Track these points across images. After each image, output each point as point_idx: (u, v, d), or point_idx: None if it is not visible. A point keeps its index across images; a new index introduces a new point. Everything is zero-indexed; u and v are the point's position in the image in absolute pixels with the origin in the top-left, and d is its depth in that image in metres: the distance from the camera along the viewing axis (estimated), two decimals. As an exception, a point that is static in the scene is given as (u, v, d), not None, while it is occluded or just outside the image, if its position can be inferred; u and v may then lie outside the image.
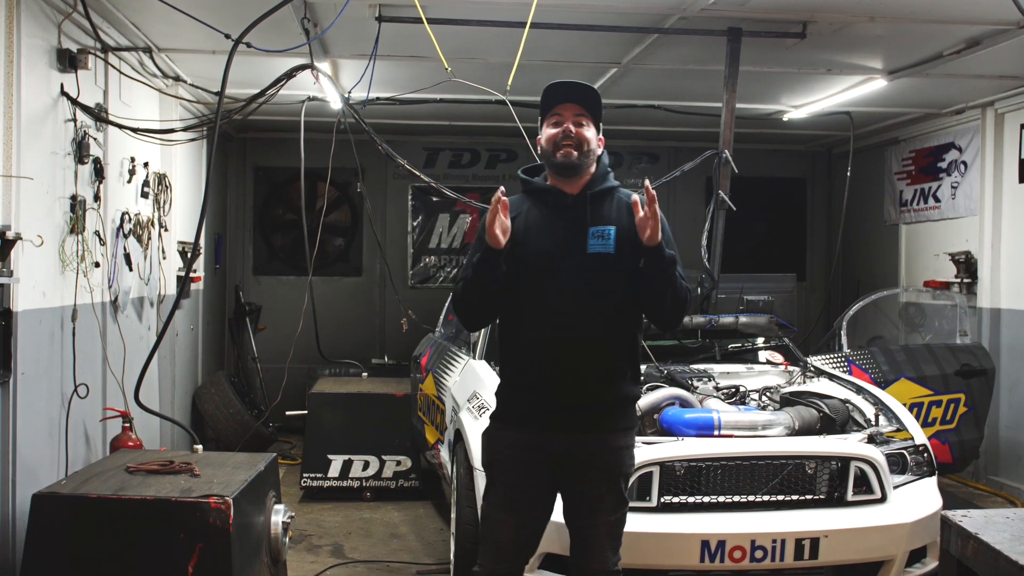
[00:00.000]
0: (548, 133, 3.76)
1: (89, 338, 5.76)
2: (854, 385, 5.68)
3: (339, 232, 11.19)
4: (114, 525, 4.10)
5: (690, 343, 6.31)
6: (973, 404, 7.04)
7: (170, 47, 6.61)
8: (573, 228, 3.74)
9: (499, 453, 3.84)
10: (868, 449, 4.69)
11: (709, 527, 4.41)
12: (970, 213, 8.72)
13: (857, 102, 8.35)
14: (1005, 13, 5.60)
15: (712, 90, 7.90)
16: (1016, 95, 7.90)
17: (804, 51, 6.43)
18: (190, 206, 8.45)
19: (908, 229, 9.91)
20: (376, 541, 6.60)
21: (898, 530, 4.57)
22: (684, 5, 5.51)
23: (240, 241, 10.93)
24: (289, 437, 9.82)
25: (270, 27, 5.29)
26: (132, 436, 5.80)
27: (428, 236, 11.21)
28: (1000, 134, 8.27)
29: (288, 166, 10.85)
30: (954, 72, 7.16)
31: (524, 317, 3.77)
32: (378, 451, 7.67)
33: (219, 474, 4.54)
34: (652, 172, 11.61)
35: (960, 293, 8.35)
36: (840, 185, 11.30)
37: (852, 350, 6.93)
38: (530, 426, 3.76)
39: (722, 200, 6.12)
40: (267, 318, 10.78)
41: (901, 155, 9.96)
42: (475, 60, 6.89)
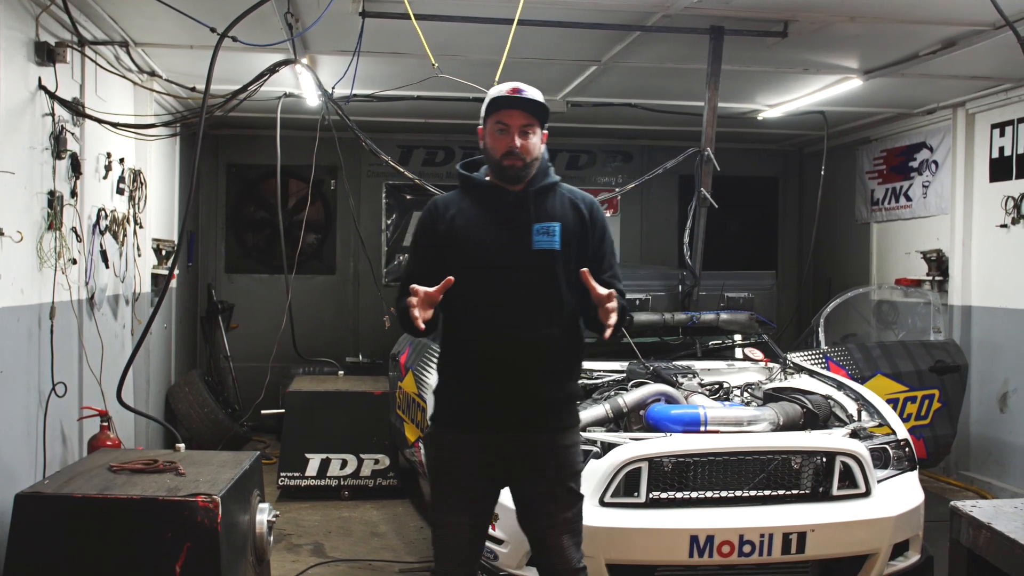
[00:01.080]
0: (495, 139, 3.67)
1: (66, 336, 5.68)
2: (835, 381, 5.73)
3: (313, 230, 11.11)
4: (100, 525, 4.04)
5: (671, 340, 6.33)
6: (947, 400, 7.12)
7: (147, 41, 6.54)
8: (517, 225, 3.68)
9: (447, 456, 3.74)
10: (853, 444, 4.73)
11: (698, 522, 4.43)
12: (941, 212, 8.82)
13: (831, 102, 8.42)
14: (982, 14, 5.69)
15: (689, 89, 7.96)
16: (987, 95, 8.01)
17: (782, 50, 6.47)
18: (164, 203, 8.37)
19: (879, 228, 10.01)
20: (356, 540, 6.57)
21: (882, 524, 4.62)
22: (668, 3, 5.52)
23: (212, 239, 10.83)
24: (263, 436, 9.76)
25: (250, 22, 5.23)
26: (110, 435, 5.73)
27: (402, 234, 11.17)
28: (971, 134, 8.38)
29: (261, 163, 10.79)
30: (928, 72, 7.23)
31: (467, 316, 3.69)
32: (356, 449, 7.63)
33: (204, 473, 4.49)
34: (626, 171, 11.68)
35: (933, 291, 8.45)
36: (811, 184, 11.43)
37: (829, 346, 6.99)
38: (477, 428, 3.70)
39: (704, 198, 6.14)
40: (239, 316, 10.69)
41: (872, 154, 10.06)
42: (456, 57, 6.86)
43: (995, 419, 8.06)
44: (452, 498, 3.74)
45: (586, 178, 11.64)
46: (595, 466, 4.53)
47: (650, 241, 11.65)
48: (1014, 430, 7.88)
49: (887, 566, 4.70)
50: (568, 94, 8.31)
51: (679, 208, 11.62)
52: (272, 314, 10.69)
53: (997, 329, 8.07)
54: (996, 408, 8.04)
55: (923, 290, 8.41)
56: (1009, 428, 7.92)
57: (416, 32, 6.06)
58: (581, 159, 11.63)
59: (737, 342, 6.50)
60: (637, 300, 6.12)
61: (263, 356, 10.60)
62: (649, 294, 6.17)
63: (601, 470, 4.49)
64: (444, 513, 3.77)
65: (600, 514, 4.46)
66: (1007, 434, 7.94)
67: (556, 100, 8.49)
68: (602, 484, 4.48)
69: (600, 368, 5.85)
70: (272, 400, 10.35)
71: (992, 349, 8.07)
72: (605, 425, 4.99)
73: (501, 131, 3.64)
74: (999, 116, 8.02)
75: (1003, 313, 8.00)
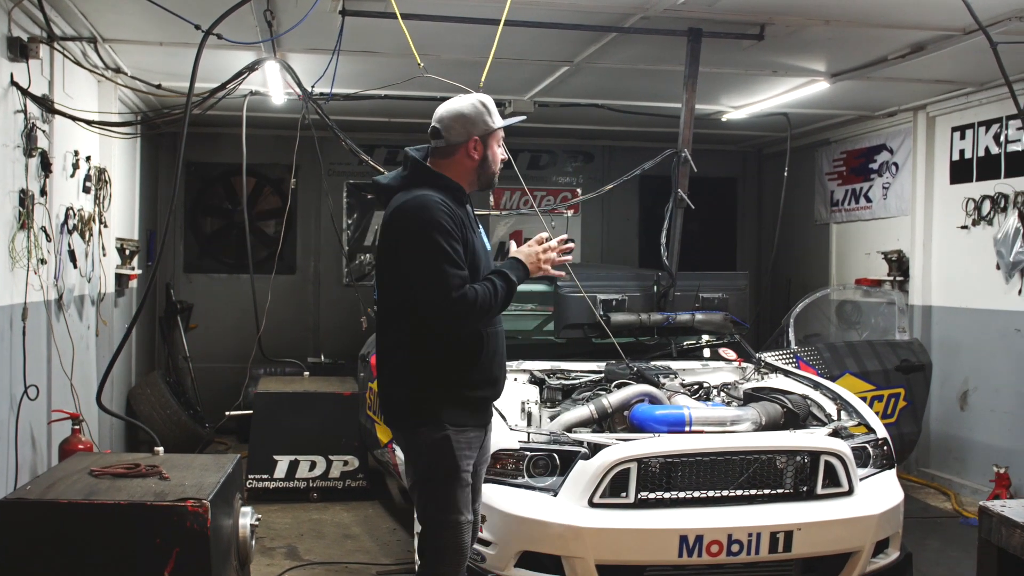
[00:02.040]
0: (495, 152, 3.92)
1: (37, 338, 5.57)
2: (811, 381, 5.80)
3: (274, 229, 11.00)
4: (86, 531, 3.95)
5: (647, 340, 6.35)
6: (912, 399, 7.26)
7: (116, 37, 6.42)
8: (479, 229, 3.95)
9: (464, 459, 3.78)
10: (837, 443, 4.79)
11: (687, 522, 4.45)
12: (901, 213, 8.97)
13: (795, 104, 8.52)
14: (952, 19, 5.81)
15: (657, 90, 8.02)
16: (948, 99, 8.16)
17: (754, 53, 6.53)
18: (126, 202, 8.23)
19: (839, 228, 10.16)
20: (330, 542, 6.51)
21: (866, 522, 4.68)
22: (648, 4, 5.54)
23: (171, 238, 10.66)
24: (224, 438, 9.63)
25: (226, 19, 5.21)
26: (82, 438, 5.63)
27: (363, 234, 11.10)
28: (932, 137, 8.53)
29: (221, 162, 10.68)
30: (893, 76, 7.36)
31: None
32: (325, 451, 7.57)
33: (188, 476, 4.41)
34: (586, 171, 11.72)
35: (894, 291, 8.59)
36: (769, 185, 11.58)
37: (799, 346, 7.07)
38: (484, 422, 3.94)
39: (681, 199, 6.18)
40: (198, 316, 10.55)
41: (832, 156, 10.20)
42: (427, 56, 6.82)
43: (955, 417, 8.21)
44: (464, 496, 3.81)
45: (546, 178, 11.67)
46: (584, 467, 4.53)
47: (611, 241, 11.70)
48: (974, 428, 8.04)
49: (869, 563, 4.76)
50: (536, 94, 8.32)
51: (639, 208, 11.69)
52: (231, 314, 10.60)
53: (957, 329, 8.23)
54: (956, 406, 8.19)
55: (888, 291, 8.54)
56: (969, 426, 8.08)
57: (386, 31, 6.05)
58: (542, 159, 11.64)
59: (710, 342, 6.55)
60: (614, 300, 6.14)
61: (222, 356, 10.52)
62: (625, 295, 6.19)
63: (590, 471, 4.49)
64: (459, 512, 3.79)
65: (589, 515, 4.46)
66: (967, 432, 8.10)
67: (524, 100, 8.48)
68: (591, 485, 4.48)
69: (577, 369, 5.86)
70: (234, 401, 10.25)
71: (952, 348, 8.23)
72: (589, 426, 5.00)
73: (499, 145, 3.92)
74: (959, 119, 8.18)
75: (963, 313, 8.16)
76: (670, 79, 7.49)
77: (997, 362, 7.75)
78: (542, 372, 5.80)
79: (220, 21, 4.70)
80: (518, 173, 5.13)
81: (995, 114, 7.78)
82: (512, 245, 3.96)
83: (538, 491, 4.59)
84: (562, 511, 4.48)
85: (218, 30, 5.48)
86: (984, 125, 7.90)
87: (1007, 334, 7.62)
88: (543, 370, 5.83)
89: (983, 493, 7.68)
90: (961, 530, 7.02)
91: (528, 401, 5.28)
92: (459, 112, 3.84)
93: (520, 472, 4.64)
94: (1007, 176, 7.63)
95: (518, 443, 4.69)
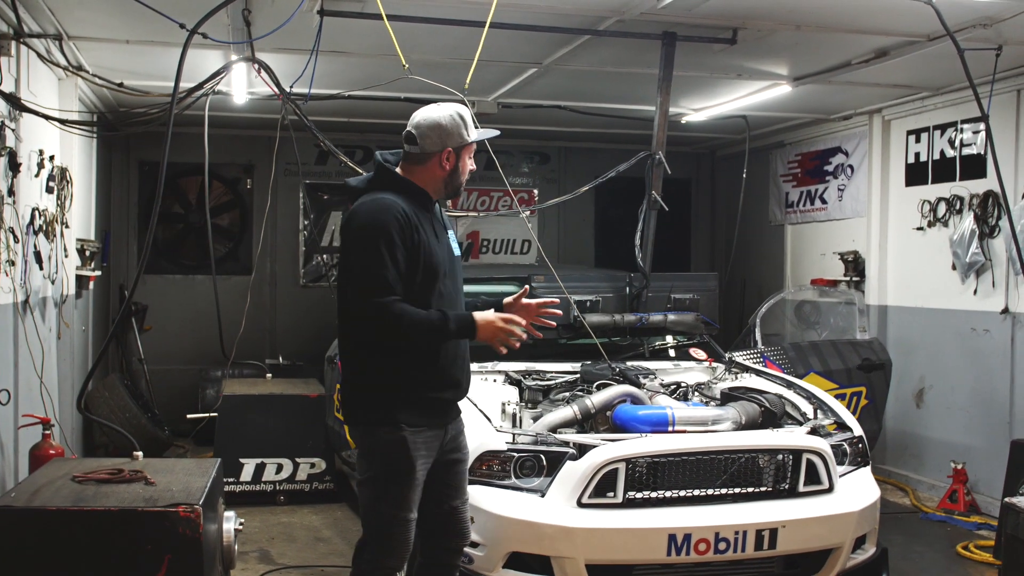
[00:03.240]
0: (465, 164, 4.01)
1: (4, 341, 5.45)
2: (784, 380, 5.89)
3: (231, 229, 10.89)
4: (76, 538, 3.88)
5: (619, 341, 6.40)
6: (873, 397, 7.40)
7: (82, 35, 6.30)
8: (442, 232, 4.00)
9: (416, 459, 3.84)
10: (819, 442, 4.87)
11: (675, 521, 4.50)
12: (857, 214, 9.14)
13: (755, 106, 8.64)
14: (919, 26, 5.95)
15: (621, 92, 8.09)
16: (904, 103, 8.34)
17: (722, 56, 6.62)
18: (84, 202, 8.07)
19: (794, 229, 10.32)
20: (302, 546, 6.46)
21: (847, 518, 4.77)
22: (624, 8, 5.58)
23: (124, 239, 10.48)
24: (181, 441, 9.49)
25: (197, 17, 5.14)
26: (53, 444, 5.52)
27: (320, 234, 11.01)
28: (887, 140, 8.71)
29: (175, 161, 10.46)
30: (854, 80, 7.50)
31: None
32: (292, 453, 7.50)
33: (174, 481, 4.35)
34: (541, 172, 11.75)
35: (855, 291, 8.74)
36: (723, 186, 11.74)
37: (766, 346, 7.18)
38: (445, 422, 3.99)
39: (655, 200, 6.24)
40: (153, 318, 10.38)
41: (787, 158, 10.35)
42: (394, 57, 6.79)
43: (911, 414, 8.39)
44: (414, 495, 3.88)
45: (500, 178, 11.65)
46: (572, 468, 4.56)
47: (567, 242, 11.75)
48: (929, 425, 8.22)
49: (848, 559, 4.85)
50: (501, 96, 8.33)
51: (595, 209, 11.75)
52: (186, 316, 10.46)
53: (913, 328, 8.41)
54: (912, 404, 8.37)
55: (849, 291, 8.69)
56: (925, 423, 8.27)
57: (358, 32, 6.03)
58: (498, 159, 11.62)
59: (681, 342, 6.61)
60: (588, 302, 6.18)
61: (177, 358, 10.38)
62: (599, 296, 6.23)
63: (579, 471, 4.52)
64: (408, 510, 3.87)
65: (578, 515, 4.49)
66: (923, 429, 8.29)
67: (487, 102, 8.51)
68: (580, 485, 4.50)
69: (552, 369, 5.89)
70: (190, 403, 10.11)
71: (908, 347, 8.40)
72: (572, 426, 5.03)
73: (470, 156, 4.01)
74: (915, 123, 8.36)
75: (919, 312, 8.34)
76: (635, 81, 7.57)
77: (953, 361, 7.94)
78: (518, 373, 5.82)
79: (205, 20, 4.63)
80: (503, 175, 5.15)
81: (950, 118, 7.97)
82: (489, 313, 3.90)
83: (526, 492, 4.61)
84: (551, 512, 4.51)
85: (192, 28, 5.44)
86: (939, 129, 8.09)
87: (963, 333, 7.81)
88: (518, 371, 5.85)
89: (940, 488, 7.87)
90: (922, 525, 7.18)
91: (509, 402, 5.30)
92: (436, 122, 3.89)
93: (507, 473, 4.65)
94: (962, 179, 7.82)
95: (505, 444, 4.70)
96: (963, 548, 6.50)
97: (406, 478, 3.83)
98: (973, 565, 6.25)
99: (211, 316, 9.88)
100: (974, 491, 7.57)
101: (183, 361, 10.24)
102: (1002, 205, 7.39)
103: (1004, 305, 7.38)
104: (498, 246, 11.58)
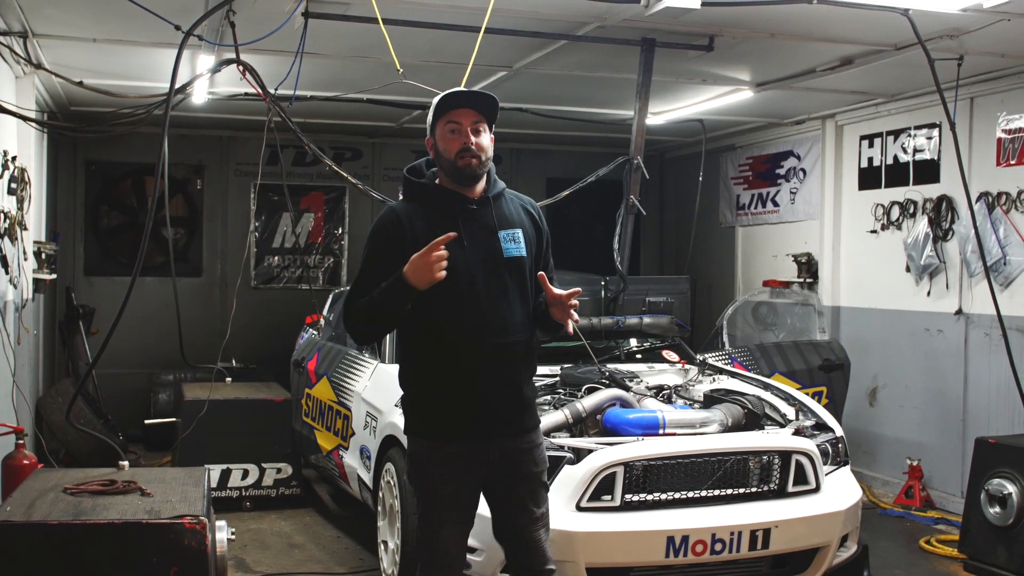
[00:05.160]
0: (447, 140, 3.67)
1: (-26, 348, 5.29)
2: (760, 382, 6.00)
3: (177, 229, 10.70)
4: (79, 553, 3.78)
5: (595, 344, 6.44)
6: (832, 396, 7.57)
7: (48, 33, 6.13)
8: (484, 233, 3.70)
9: (441, 470, 3.71)
10: (808, 443, 4.98)
11: (673, 523, 4.56)
12: (810, 217, 9.33)
13: (713, 111, 8.76)
14: (889, 35, 6.10)
15: (587, 96, 8.16)
16: (857, 108, 8.54)
17: (696, 62, 6.69)
18: (37, 204, 7.86)
19: (744, 231, 10.49)
20: (276, 553, 6.39)
21: (835, 517, 4.88)
22: (606, 14, 5.62)
23: (71, 240, 10.23)
24: (134, 447, 9.30)
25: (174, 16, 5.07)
26: (26, 453, 5.38)
27: (271, 236, 10.88)
28: (840, 144, 8.91)
29: (122, 161, 10.31)
30: (813, 86, 7.65)
31: (445, 327, 3.67)
32: (258, 459, 7.41)
33: (170, 492, 4.27)
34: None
35: (813, 293, 8.92)
36: (672, 189, 11.91)
37: (733, 347, 7.30)
38: (471, 437, 3.71)
39: (632, 204, 6.30)
40: (101, 321, 10.14)
41: (738, 161, 10.52)
42: (369, 59, 6.78)
43: (865, 412, 8.60)
44: (445, 511, 3.73)
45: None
46: (571, 472, 4.59)
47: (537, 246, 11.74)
48: (883, 422, 8.44)
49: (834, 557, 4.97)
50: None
51: (551, 209, 11.77)
52: (135, 319, 10.19)
53: (865, 328, 8.62)
54: (866, 402, 8.58)
55: (808, 293, 8.87)
56: (879, 421, 8.48)
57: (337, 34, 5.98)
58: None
59: (654, 345, 6.69)
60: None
61: (127, 363, 10.15)
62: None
63: (578, 476, 4.55)
64: (438, 525, 3.74)
65: (578, 519, 4.52)
66: (876, 426, 8.50)
67: (450, 104, 8.46)
68: (579, 489, 4.54)
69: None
70: (140, 408, 9.92)
71: (861, 347, 8.60)
72: (563, 430, 5.06)
73: (453, 131, 3.65)
74: (868, 128, 8.57)
75: (872, 313, 8.55)
76: (602, 86, 7.63)
77: (906, 360, 8.16)
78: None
79: (201, 22, 4.57)
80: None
81: (903, 124, 8.18)
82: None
83: (523, 496, 4.61)
84: (551, 516, 4.51)
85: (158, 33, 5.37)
86: (892, 134, 8.30)
87: (917, 333, 8.03)
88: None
89: (895, 485, 8.08)
90: (882, 521, 7.37)
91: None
92: None
93: (504, 478, 4.65)
94: (915, 183, 8.04)
95: (500, 449, 4.70)
96: (925, 542, 6.69)
97: (427, 492, 3.74)
98: (938, 559, 6.44)
99: (161, 319, 9.76)
100: (929, 487, 7.79)
101: (133, 365, 10.03)
102: (955, 210, 7.64)
103: (958, 306, 7.60)
104: (450, 247, 11.54)
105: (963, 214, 7.51)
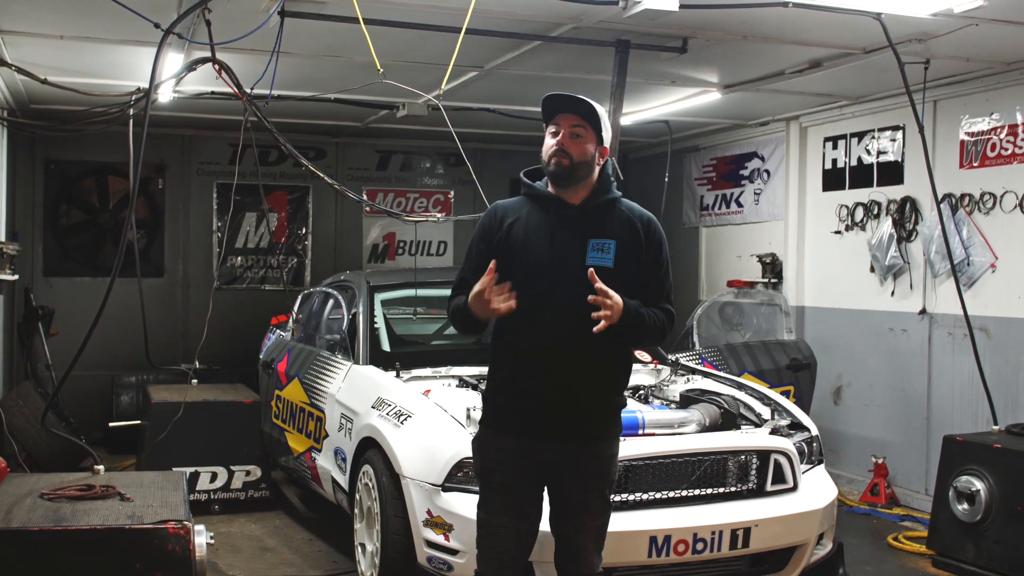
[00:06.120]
0: (546, 143, 3.85)
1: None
2: (734, 381, 6.05)
3: (139, 229, 10.54)
4: (61, 560, 3.73)
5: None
6: (800, 396, 7.65)
7: (14, 29, 6.02)
8: (574, 239, 3.82)
9: (493, 459, 3.87)
10: (785, 442, 5.03)
11: (655, 523, 4.59)
12: (774, 218, 9.43)
13: (679, 112, 8.81)
14: (858, 39, 6.18)
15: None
16: (821, 111, 8.64)
17: (665, 64, 6.73)
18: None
19: (708, 232, 10.57)
20: (249, 556, 6.33)
21: (813, 516, 4.94)
22: (582, 15, 5.63)
23: (29, 240, 10.04)
24: (95, 450, 9.13)
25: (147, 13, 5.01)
26: (-3, 459, 5.26)
27: (235, 235, 10.77)
28: (804, 146, 9.01)
29: (82, 159, 10.16)
30: (780, 89, 7.72)
31: (521, 325, 3.79)
32: (226, 461, 7.33)
33: (150, 496, 4.23)
34: (457, 174, 11.74)
35: (781, 293, 9.00)
36: (635, 189, 11.87)
37: (703, 347, 7.35)
38: (525, 433, 3.83)
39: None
40: (60, 322, 9.98)
41: (701, 162, 10.60)
42: (340, 59, 6.74)
43: (829, 411, 8.70)
44: (498, 501, 3.87)
45: (416, 180, 11.65)
46: (554, 473, 4.59)
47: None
48: (847, 421, 8.55)
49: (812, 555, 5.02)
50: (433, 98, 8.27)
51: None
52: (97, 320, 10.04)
53: (830, 328, 8.72)
54: (831, 401, 8.69)
55: (776, 293, 8.95)
56: (843, 419, 8.59)
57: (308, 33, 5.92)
58: (414, 161, 11.62)
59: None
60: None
61: (87, 364, 9.91)
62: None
63: (562, 476, 4.55)
64: (491, 515, 3.89)
65: (561, 520, 4.52)
66: (841, 424, 8.61)
67: (417, 104, 8.45)
68: (563, 490, 4.54)
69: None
70: (101, 410, 9.77)
71: (825, 346, 8.70)
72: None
73: (552, 134, 3.84)
74: (832, 130, 8.67)
75: (836, 313, 8.66)
76: (573, 86, 7.49)
77: (870, 359, 8.27)
78: (472, 377, 5.82)
79: (180, 21, 4.53)
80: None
81: (867, 126, 8.29)
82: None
83: (505, 498, 4.61)
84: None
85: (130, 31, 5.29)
86: (856, 136, 8.41)
87: (881, 332, 8.14)
88: (473, 376, 5.86)
89: (859, 483, 8.19)
90: (848, 518, 7.45)
91: (474, 407, 5.28)
92: None
93: (486, 479, 4.65)
94: (879, 185, 8.15)
95: (481, 451, 4.69)
96: (893, 539, 6.78)
97: (479, 478, 3.94)
98: (907, 555, 6.53)
99: (122, 320, 9.55)
100: (894, 484, 7.90)
101: (93, 367, 9.83)
102: (919, 211, 7.76)
103: (922, 306, 7.72)
104: (414, 248, 11.53)
105: (927, 215, 7.64)
